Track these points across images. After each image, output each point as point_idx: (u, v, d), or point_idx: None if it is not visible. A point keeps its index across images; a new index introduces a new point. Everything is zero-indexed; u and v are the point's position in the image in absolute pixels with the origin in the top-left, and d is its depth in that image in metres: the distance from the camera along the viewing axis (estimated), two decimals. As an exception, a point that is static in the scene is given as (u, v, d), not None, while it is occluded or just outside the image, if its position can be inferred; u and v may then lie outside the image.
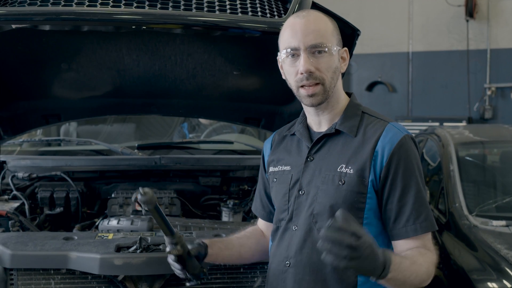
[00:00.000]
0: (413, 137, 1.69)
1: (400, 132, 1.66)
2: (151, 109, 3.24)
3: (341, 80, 1.77)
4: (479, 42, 9.12)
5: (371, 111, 1.76)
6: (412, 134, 1.70)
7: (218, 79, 2.87)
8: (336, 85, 1.72)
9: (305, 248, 1.69)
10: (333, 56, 1.67)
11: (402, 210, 1.62)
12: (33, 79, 2.82)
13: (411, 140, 1.67)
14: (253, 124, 3.33)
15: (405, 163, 1.63)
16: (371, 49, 9.55)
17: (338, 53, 1.71)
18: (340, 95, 1.76)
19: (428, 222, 1.63)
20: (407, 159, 1.64)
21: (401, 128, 1.69)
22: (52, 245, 2.20)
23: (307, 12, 1.73)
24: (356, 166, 1.64)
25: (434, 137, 4.64)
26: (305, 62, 1.63)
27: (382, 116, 1.74)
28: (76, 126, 4.09)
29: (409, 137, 1.67)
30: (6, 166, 3.14)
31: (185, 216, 2.99)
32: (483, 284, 2.90)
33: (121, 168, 3.17)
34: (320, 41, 1.64)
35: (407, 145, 1.65)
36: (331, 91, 1.69)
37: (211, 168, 3.24)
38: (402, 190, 1.62)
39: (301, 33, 1.65)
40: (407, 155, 1.64)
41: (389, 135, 1.65)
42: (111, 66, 2.75)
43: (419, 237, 1.62)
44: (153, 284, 2.19)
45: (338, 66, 1.71)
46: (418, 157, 1.68)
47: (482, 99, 9.14)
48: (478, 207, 3.59)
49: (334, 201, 1.64)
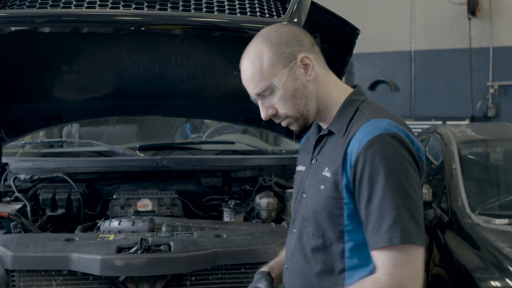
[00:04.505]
0: (398, 135, 1.45)
1: (376, 129, 1.45)
2: (152, 110, 3.25)
3: (327, 81, 1.61)
4: (482, 40, 9.09)
5: (367, 107, 1.58)
6: (398, 132, 1.45)
7: (218, 79, 2.87)
8: (310, 100, 1.59)
9: (296, 252, 1.66)
10: (283, 86, 1.55)
11: (368, 219, 1.44)
12: (34, 81, 2.83)
13: (389, 139, 1.43)
14: (254, 124, 3.33)
15: (371, 166, 1.43)
16: (373, 48, 9.54)
17: (290, 74, 1.55)
18: (330, 98, 1.61)
19: (389, 235, 1.39)
20: (374, 161, 1.42)
21: (382, 125, 1.46)
22: (54, 246, 2.20)
23: (243, 55, 1.61)
24: (332, 169, 1.53)
25: (436, 136, 4.63)
26: (261, 110, 1.61)
27: (374, 112, 1.54)
28: (78, 127, 4.10)
29: (387, 135, 1.44)
30: (8, 168, 3.15)
31: (186, 217, 2.99)
32: (485, 283, 2.89)
33: (123, 169, 3.18)
34: (260, 86, 1.56)
35: (378, 145, 1.43)
36: (305, 113, 1.59)
37: (212, 168, 3.24)
38: (367, 196, 1.44)
39: (245, 84, 1.61)
40: (374, 157, 1.43)
41: (362, 133, 1.47)
42: (111, 68, 2.75)
43: (382, 252, 1.41)
44: (154, 285, 2.19)
45: (298, 86, 1.56)
46: (396, 158, 1.43)
47: (485, 97, 9.12)
48: (481, 206, 3.58)
49: (316, 207, 1.57)
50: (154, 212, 2.88)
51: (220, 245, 2.26)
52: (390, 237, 1.39)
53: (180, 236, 2.38)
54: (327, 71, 1.63)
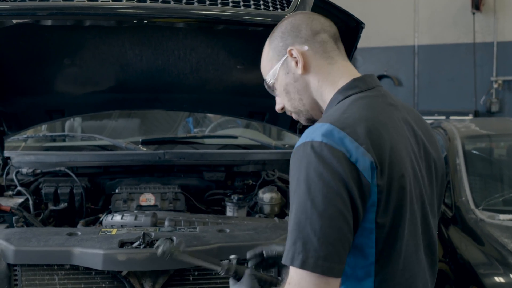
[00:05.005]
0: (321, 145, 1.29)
1: (305, 137, 1.34)
2: (155, 104, 3.23)
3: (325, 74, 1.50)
4: (486, 35, 9.05)
5: (338, 106, 1.44)
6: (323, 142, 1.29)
7: (221, 73, 2.85)
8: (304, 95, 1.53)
9: None
10: (276, 81, 1.55)
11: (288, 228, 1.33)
12: (36, 74, 2.81)
13: (309, 150, 1.30)
14: (257, 119, 3.31)
15: (291, 177, 1.34)
16: (376, 42, 9.51)
17: (283, 68, 1.52)
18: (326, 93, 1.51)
19: (286, 253, 1.28)
20: (292, 171, 1.34)
21: (315, 132, 1.33)
22: (56, 240, 2.19)
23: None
24: None
25: (440, 131, 4.61)
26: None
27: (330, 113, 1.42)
28: (80, 121, 4.09)
29: (309, 145, 1.31)
30: (10, 162, 3.14)
31: (189, 211, 2.98)
32: (489, 279, 2.88)
33: (125, 163, 3.17)
34: (264, 80, 1.60)
35: (297, 155, 1.33)
36: (301, 108, 1.55)
37: (215, 163, 3.22)
38: (290, 204, 1.34)
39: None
40: (292, 167, 1.34)
41: (300, 139, 1.37)
42: (114, 61, 2.73)
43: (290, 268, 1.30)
44: (157, 280, 2.18)
45: (289, 80, 1.52)
46: (307, 172, 1.28)
47: (489, 92, 9.09)
48: (485, 201, 3.57)
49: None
50: (156, 206, 2.87)
51: (223, 240, 2.25)
52: (284, 254, 1.29)
53: (183, 230, 2.37)
54: (329, 62, 1.50)
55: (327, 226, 1.25)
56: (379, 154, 1.32)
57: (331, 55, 1.51)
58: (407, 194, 1.37)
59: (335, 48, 1.52)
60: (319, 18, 1.55)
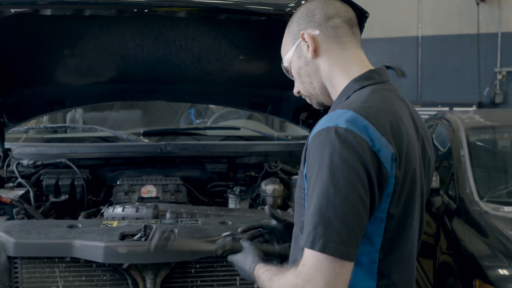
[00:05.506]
0: (346, 132, 1.29)
1: (327, 122, 1.33)
2: (156, 95, 3.20)
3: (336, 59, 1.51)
4: (490, 26, 9.00)
5: (357, 95, 1.44)
6: (348, 129, 1.29)
7: (223, 64, 2.82)
8: (314, 79, 1.55)
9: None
10: (290, 64, 1.60)
11: (306, 212, 1.35)
12: (36, 65, 2.78)
13: (333, 135, 1.30)
14: (260, 110, 3.29)
15: (312, 161, 1.34)
16: (380, 33, 9.46)
17: (296, 52, 1.56)
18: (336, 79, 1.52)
19: (304, 236, 1.31)
20: (313, 156, 1.33)
21: (338, 117, 1.33)
22: (56, 233, 2.17)
23: None
24: (303, 159, 1.46)
25: (444, 122, 4.58)
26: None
27: (352, 101, 1.41)
28: (82, 113, 4.06)
29: (333, 130, 1.30)
30: (11, 154, 3.12)
31: (191, 203, 2.96)
32: (494, 271, 2.86)
33: (127, 155, 3.14)
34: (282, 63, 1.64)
35: (320, 139, 1.32)
36: (312, 92, 1.58)
37: (217, 154, 3.20)
38: (309, 188, 1.34)
39: None
40: (314, 151, 1.33)
41: (318, 124, 1.37)
42: (114, 52, 2.70)
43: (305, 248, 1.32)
44: (158, 273, 2.16)
45: (301, 64, 1.56)
46: (331, 157, 1.28)
47: (493, 83, 9.04)
48: (489, 193, 3.55)
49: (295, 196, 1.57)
50: (158, 198, 2.85)
51: (225, 232, 2.22)
52: (302, 237, 1.32)
53: (185, 223, 2.35)
54: (342, 47, 1.50)
55: (349, 212, 1.27)
56: (398, 146, 1.34)
57: (343, 41, 1.51)
58: (418, 187, 1.41)
59: (349, 34, 1.52)
60: (335, 3, 1.55)
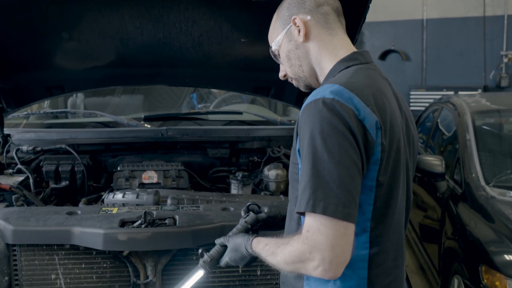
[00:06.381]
0: (333, 101, 1.37)
1: (315, 95, 1.41)
2: (157, 79, 3.15)
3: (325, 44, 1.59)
4: (496, 8, 8.89)
5: (342, 73, 1.52)
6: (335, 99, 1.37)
7: (225, 47, 2.77)
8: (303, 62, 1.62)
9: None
10: (280, 48, 1.67)
11: (301, 181, 1.40)
12: (34, 49, 2.73)
13: (321, 106, 1.37)
14: (262, 94, 3.24)
15: (302, 132, 1.40)
16: (384, 16, 9.35)
17: (286, 36, 1.63)
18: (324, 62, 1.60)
19: (302, 201, 1.36)
20: (304, 127, 1.40)
21: (325, 90, 1.40)
22: (55, 220, 2.14)
23: None
24: (295, 135, 1.52)
25: (449, 106, 4.52)
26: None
27: (338, 78, 1.49)
28: (83, 98, 4.02)
29: (321, 101, 1.38)
30: (10, 140, 3.08)
31: (193, 189, 2.94)
32: (500, 256, 2.83)
33: (127, 140, 3.11)
34: (269, 48, 1.70)
35: (309, 110, 1.39)
36: (301, 74, 1.65)
37: (219, 139, 3.16)
38: (302, 160, 1.40)
39: None
40: (304, 122, 1.40)
41: (306, 101, 1.44)
42: (113, 35, 2.65)
43: (305, 216, 1.38)
44: (159, 260, 2.13)
45: (291, 47, 1.63)
46: (321, 125, 1.36)
47: (499, 66, 8.96)
48: (495, 178, 3.50)
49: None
50: (159, 184, 2.82)
51: (227, 218, 2.20)
52: (300, 203, 1.36)
53: (186, 209, 2.32)
54: (330, 33, 1.60)
55: (345, 175, 1.34)
56: (382, 116, 1.42)
57: (332, 27, 1.61)
58: (402, 157, 1.49)
59: (336, 21, 1.63)
60: None
